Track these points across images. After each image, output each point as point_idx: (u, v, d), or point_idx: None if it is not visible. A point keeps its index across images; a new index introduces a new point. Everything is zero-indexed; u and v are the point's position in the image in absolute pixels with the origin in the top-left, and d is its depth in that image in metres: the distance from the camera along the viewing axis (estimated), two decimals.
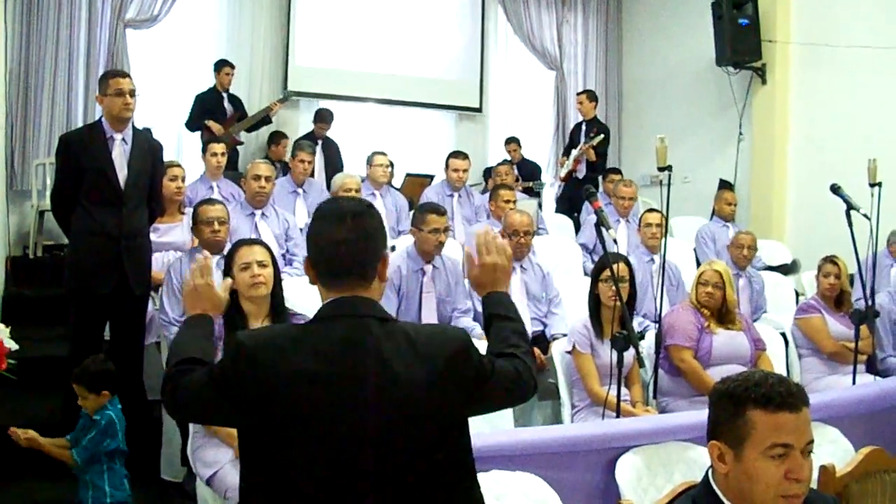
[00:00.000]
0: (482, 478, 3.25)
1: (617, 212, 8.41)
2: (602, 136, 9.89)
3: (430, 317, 5.86)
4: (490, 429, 4.78)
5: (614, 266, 4.58)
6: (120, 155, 5.54)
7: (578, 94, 11.11)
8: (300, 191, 8.06)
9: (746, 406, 2.29)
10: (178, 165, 6.85)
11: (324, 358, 2.29)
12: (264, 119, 9.78)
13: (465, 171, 8.48)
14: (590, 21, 12.67)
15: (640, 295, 6.60)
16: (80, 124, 7.79)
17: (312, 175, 8.45)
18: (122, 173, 5.51)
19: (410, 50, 11.44)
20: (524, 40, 12.18)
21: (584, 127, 10.28)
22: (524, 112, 12.06)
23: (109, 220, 5.46)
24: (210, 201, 6.07)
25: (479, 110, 12.10)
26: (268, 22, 10.84)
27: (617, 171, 9.88)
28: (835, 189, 5.69)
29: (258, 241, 4.60)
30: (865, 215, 5.65)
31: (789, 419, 2.28)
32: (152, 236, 6.35)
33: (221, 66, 9.59)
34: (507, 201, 7.64)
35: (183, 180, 6.79)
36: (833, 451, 3.93)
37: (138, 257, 5.64)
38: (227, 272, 4.30)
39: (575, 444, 3.72)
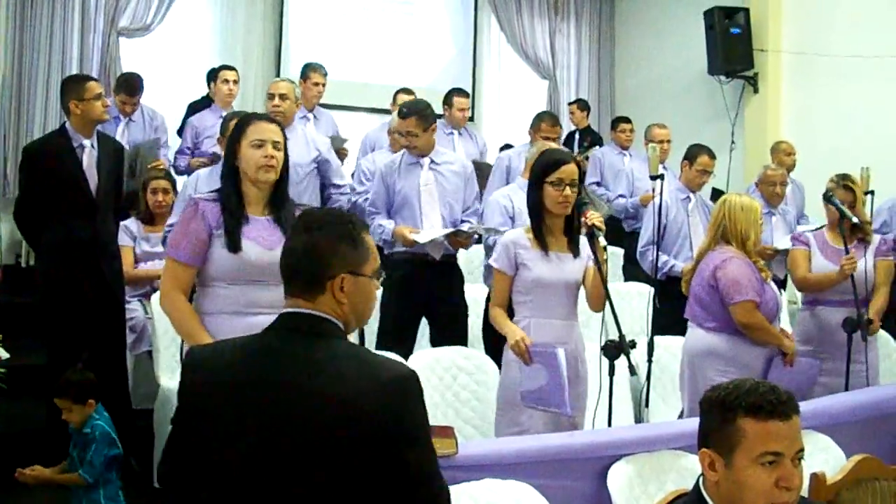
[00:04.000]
0: (474, 486, 3.27)
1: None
2: (596, 146, 9.91)
3: (432, 214, 5.76)
4: (481, 435, 4.83)
5: (565, 168, 4.38)
6: (90, 163, 5.53)
7: (570, 104, 11.18)
8: (310, 116, 8.14)
9: (737, 414, 2.30)
10: (166, 178, 6.80)
11: (243, 370, 2.33)
12: None
13: (469, 108, 8.75)
14: (583, 30, 12.69)
15: (675, 235, 6.60)
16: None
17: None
18: (93, 181, 5.49)
19: (403, 59, 11.43)
20: (517, 49, 12.19)
21: (577, 136, 10.32)
22: (517, 121, 12.07)
23: (84, 230, 5.44)
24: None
25: (471, 119, 12.09)
26: (261, 32, 10.84)
27: (626, 119, 9.82)
28: (828, 197, 5.68)
29: (274, 119, 4.05)
30: (857, 223, 5.65)
31: (780, 427, 2.28)
32: (144, 245, 6.36)
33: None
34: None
35: (166, 193, 6.64)
36: (825, 459, 3.93)
37: (115, 264, 5.65)
38: (232, 148, 3.84)
39: (567, 453, 3.71)
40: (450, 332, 5.70)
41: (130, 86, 7.91)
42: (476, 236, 6.03)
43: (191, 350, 2.49)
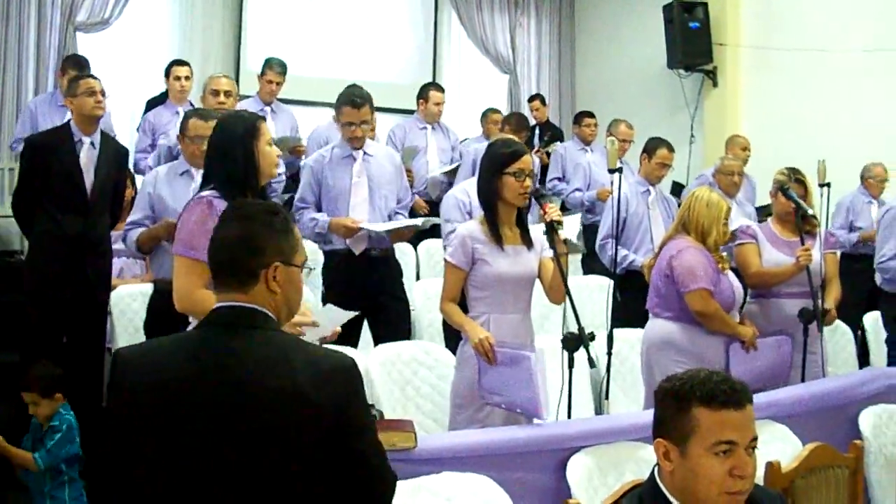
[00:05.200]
0: (433, 480, 3.27)
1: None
2: (557, 141, 9.96)
3: (361, 206, 5.68)
4: (441, 430, 4.83)
5: (525, 158, 4.32)
6: (88, 159, 5.51)
7: (530, 100, 11.22)
8: (267, 109, 8.14)
9: (691, 404, 2.32)
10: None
11: (183, 368, 2.31)
12: None
13: (444, 103, 8.79)
14: (543, 24, 12.72)
15: (635, 228, 6.61)
16: (29, 131, 7.71)
17: None
18: (88, 178, 5.47)
19: (363, 54, 11.40)
20: (477, 44, 12.21)
21: (538, 131, 10.35)
22: (477, 115, 12.09)
23: (74, 226, 5.42)
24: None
25: None
26: (220, 26, 10.77)
27: (590, 114, 9.88)
28: (784, 190, 5.71)
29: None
30: (814, 216, 5.69)
31: (733, 416, 2.31)
32: None
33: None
34: None
35: (132, 185, 6.62)
36: (782, 448, 3.97)
37: (101, 265, 5.60)
38: (249, 147, 3.77)
39: (526, 445, 3.73)
40: (393, 327, 5.67)
41: (79, 64, 7.84)
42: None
43: (119, 352, 2.44)
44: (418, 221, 5.73)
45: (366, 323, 5.75)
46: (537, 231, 4.44)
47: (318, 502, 2.30)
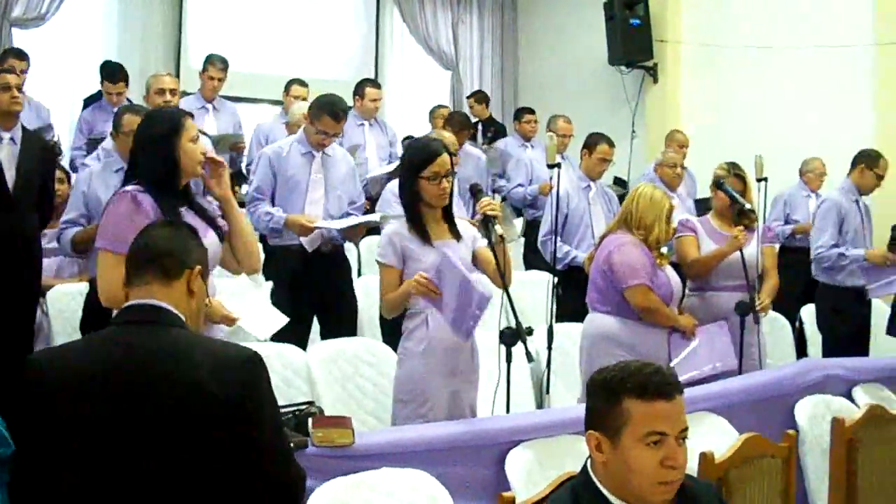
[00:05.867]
0: (371, 476, 3.26)
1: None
2: (499, 137, 10.01)
3: (316, 206, 5.72)
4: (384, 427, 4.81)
5: (440, 160, 4.25)
6: (8, 156, 5.40)
7: (468, 97, 11.25)
8: (209, 106, 8.09)
9: (622, 396, 2.33)
10: (60, 167, 6.64)
11: (92, 366, 2.35)
12: None
13: (381, 99, 8.68)
14: (485, 21, 12.75)
15: (576, 224, 6.65)
16: None
17: None
18: (10, 175, 5.36)
19: (305, 50, 11.36)
20: (420, 40, 12.21)
21: (480, 128, 10.37)
22: (420, 112, 12.11)
23: (1, 224, 5.32)
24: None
25: None
26: (160, 23, 10.66)
27: (530, 110, 9.92)
28: (719, 185, 5.77)
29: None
30: (751, 210, 5.75)
31: (664, 407, 2.32)
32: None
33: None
34: None
35: (61, 182, 6.48)
36: (721, 439, 4.00)
37: (33, 264, 5.52)
38: (171, 142, 3.70)
39: (465, 440, 3.74)
40: (341, 324, 5.68)
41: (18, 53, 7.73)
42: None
43: (29, 357, 2.47)
44: (375, 217, 5.72)
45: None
46: (465, 223, 4.45)
47: (225, 494, 2.33)
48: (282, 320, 4.35)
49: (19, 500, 2.42)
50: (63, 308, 5.87)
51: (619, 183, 9.96)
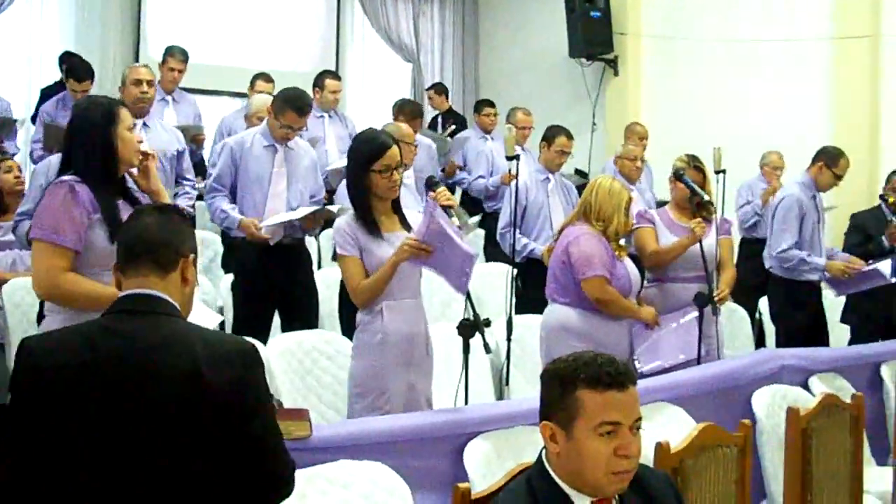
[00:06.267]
0: (328, 468, 3.26)
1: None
2: (454, 127, 10.01)
3: (278, 199, 5.72)
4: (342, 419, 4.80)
5: (390, 153, 4.23)
6: None
7: (427, 89, 11.25)
8: (169, 98, 8.06)
9: (576, 386, 2.34)
10: (11, 158, 6.58)
11: (91, 354, 2.35)
12: None
13: (341, 91, 8.73)
14: (446, 13, 12.75)
15: (535, 216, 6.69)
16: None
17: None
18: None
19: (266, 42, 11.31)
20: (380, 32, 12.19)
21: (440, 120, 10.38)
22: (381, 104, 12.09)
23: None
24: None
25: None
26: (118, 13, 10.56)
27: (490, 104, 9.88)
28: (679, 176, 5.79)
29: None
30: (710, 202, 5.77)
31: (617, 398, 2.33)
32: None
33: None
34: None
35: (20, 170, 6.47)
36: (679, 429, 4.02)
37: None
38: (108, 131, 3.68)
39: (423, 432, 3.74)
40: (302, 316, 5.67)
41: None
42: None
43: (25, 339, 2.44)
44: (333, 207, 5.70)
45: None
46: (415, 214, 4.44)
47: (220, 483, 2.35)
48: (216, 319, 4.34)
49: (10, 486, 2.39)
50: (19, 302, 5.79)
51: (580, 175, 10.01)
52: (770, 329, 7.44)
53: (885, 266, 6.67)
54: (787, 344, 6.40)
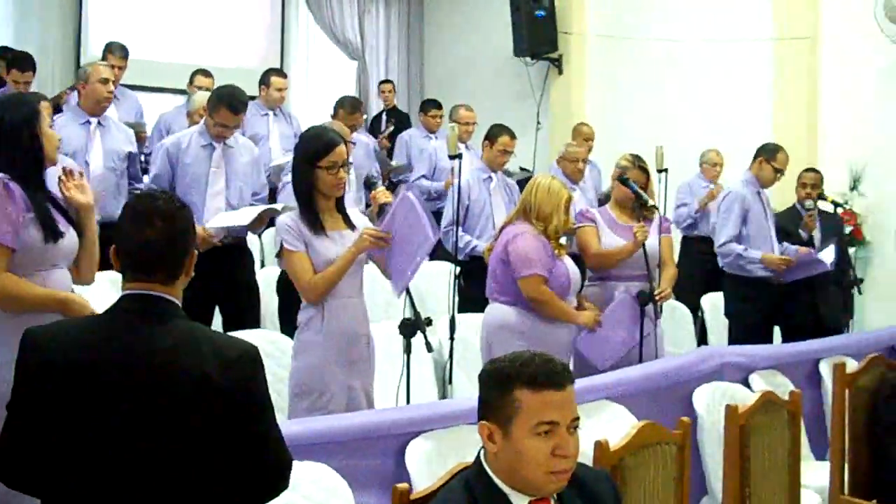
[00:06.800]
0: None
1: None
2: (392, 128, 10.03)
3: (217, 199, 5.69)
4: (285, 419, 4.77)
5: (338, 150, 4.23)
6: None
7: (381, 83, 11.27)
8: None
9: (513, 386, 2.34)
10: None
11: (96, 351, 2.38)
12: None
13: (286, 89, 8.71)
14: (392, 11, 12.75)
15: (478, 214, 6.68)
16: None
17: None
18: None
19: (209, 38, 11.22)
20: (325, 30, 12.15)
21: (384, 117, 10.39)
22: (326, 102, 12.05)
23: None
24: None
25: None
26: (58, 10, 10.40)
27: (437, 105, 9.84)
28: (623, 180, 5.78)
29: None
30: (654, 206, 5.78)
31: (555, 397, 2.33)
32: None
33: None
34: None
35: None
36: (621, 427, 4.04)
37: None
38: (34, 130, 3.62)
39: (364, 432, 3.70)
40: (243, 316, 5.64)
41: None
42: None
43: (29, 331, 2.46)
44: (277, 206, 5.66)
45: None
46: (358, 213, 4.44)
47: (223, 481, 2.40)
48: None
49: (9, 470, 2.43)
50: None
51: (524, 173, 10.05)
52: (713, 327, 7.51)
53: (827, 254, 6.79)
54: (742, 341, 6.48)
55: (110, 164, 6.15)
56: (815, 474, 4.74)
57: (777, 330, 7.22)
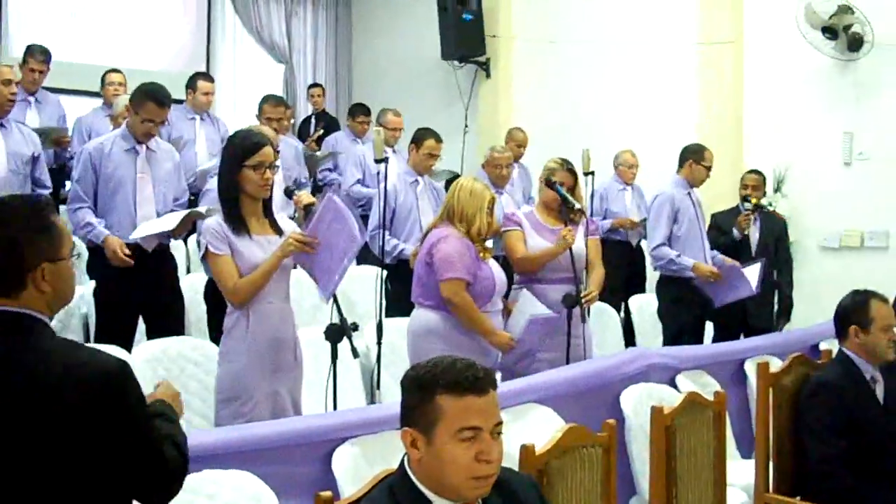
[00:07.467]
0: (193, 479, 3.18)
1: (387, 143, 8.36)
2: (322, 132, 9.98)
3: (146, 205, 5.60)
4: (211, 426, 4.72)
5: (265, 150, 4.26)
6: None
7: (311, 86, 11.23)
8: (31, 99, 7.85)
9: (435, 392, 2.33)
10: None
11: None
12: None
13: (214, 93, 8.67)
14: (319, 14, 12.69)
15: (404, 218, 6.67)
16: None
17: None
18: None
19: (133, 41, 11.04)
20: (252, 33, 12.05)
21: (313, 120, 10.33)
22: (253, 105, 11.94)
23: None
24: None
25: None
26: None
27: (365, 111, 9.81)
28: (550, 184, 5.77)
29: None
30: (581, 210, 5.79)
31: (477, 402, 2.33)
32: None
33: None
34: None
35: None
36: (548, 430, 4.04)
37: None
38: None
39: (290, 439, 3.68)
40: (168, 323, 5.56)
41: None
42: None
43: None
44: (201, 209, 5.58)
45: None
46: (285, 218, 4.41)
47: (93, 495, 2.34)
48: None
49: None
50: None
51: (452, 177, 10.06)
52: (640, 328, 7.57)
53: (751, 272, 6.84)
54: (674, 341, 6.55)
55: (13, 167, 6.00)
56: (741, 472, 4.80)
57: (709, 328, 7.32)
